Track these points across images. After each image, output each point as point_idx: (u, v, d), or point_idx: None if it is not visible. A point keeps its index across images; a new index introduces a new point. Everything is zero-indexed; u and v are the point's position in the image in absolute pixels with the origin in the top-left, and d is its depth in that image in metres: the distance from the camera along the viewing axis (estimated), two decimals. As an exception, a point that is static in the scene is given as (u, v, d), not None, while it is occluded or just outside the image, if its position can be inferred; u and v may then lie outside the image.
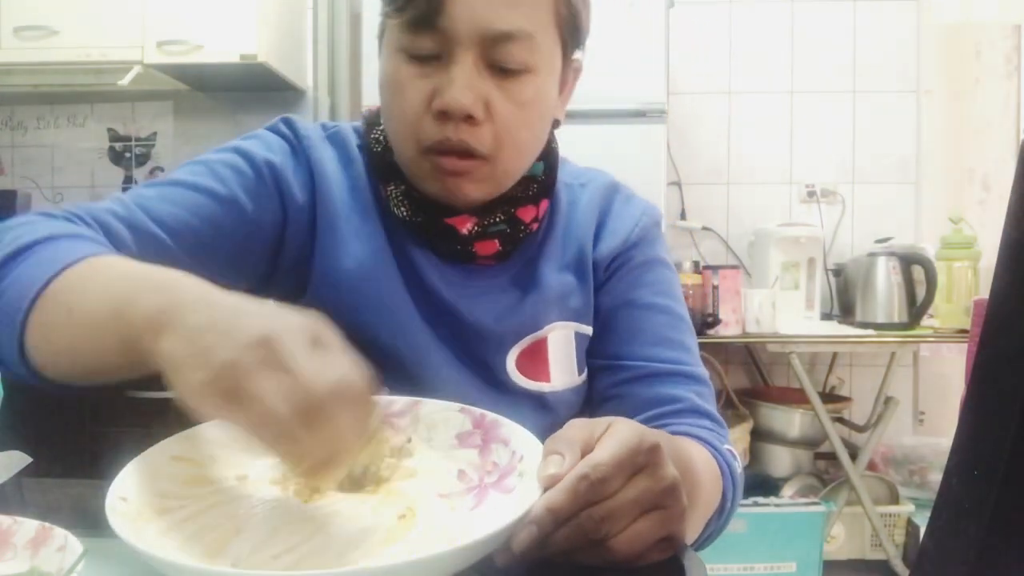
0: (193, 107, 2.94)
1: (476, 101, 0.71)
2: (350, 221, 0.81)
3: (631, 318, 0.85)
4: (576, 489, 0.48)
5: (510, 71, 0.73)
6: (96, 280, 0.59)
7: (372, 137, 0.83)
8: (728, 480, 0.78)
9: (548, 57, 0.76)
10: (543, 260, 0.85)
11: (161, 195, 0.75)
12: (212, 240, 0.75)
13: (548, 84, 0.77)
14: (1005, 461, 0.40)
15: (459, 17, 0.70)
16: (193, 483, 0.55)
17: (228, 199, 0.76)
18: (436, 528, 0.52)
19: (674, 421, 0.80)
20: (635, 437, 0.51)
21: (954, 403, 2.84)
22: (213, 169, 0.77)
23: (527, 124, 0.76)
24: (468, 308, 0.81)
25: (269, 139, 0.82)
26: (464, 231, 0.80)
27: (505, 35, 0.71)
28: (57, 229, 0.65)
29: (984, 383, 0.45)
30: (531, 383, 0.84)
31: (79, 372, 0.61)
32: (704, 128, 3.02)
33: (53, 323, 0.58)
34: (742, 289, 2.45)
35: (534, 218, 0.83)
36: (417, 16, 0.71)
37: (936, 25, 2.90)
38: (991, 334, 0.44)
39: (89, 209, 0.71)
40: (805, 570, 2.38)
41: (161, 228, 0.73)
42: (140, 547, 0.44)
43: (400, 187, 0.80)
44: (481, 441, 0.61)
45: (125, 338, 0.53)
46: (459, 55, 0.71)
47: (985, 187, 2.93)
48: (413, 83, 0.73)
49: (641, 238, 0.88)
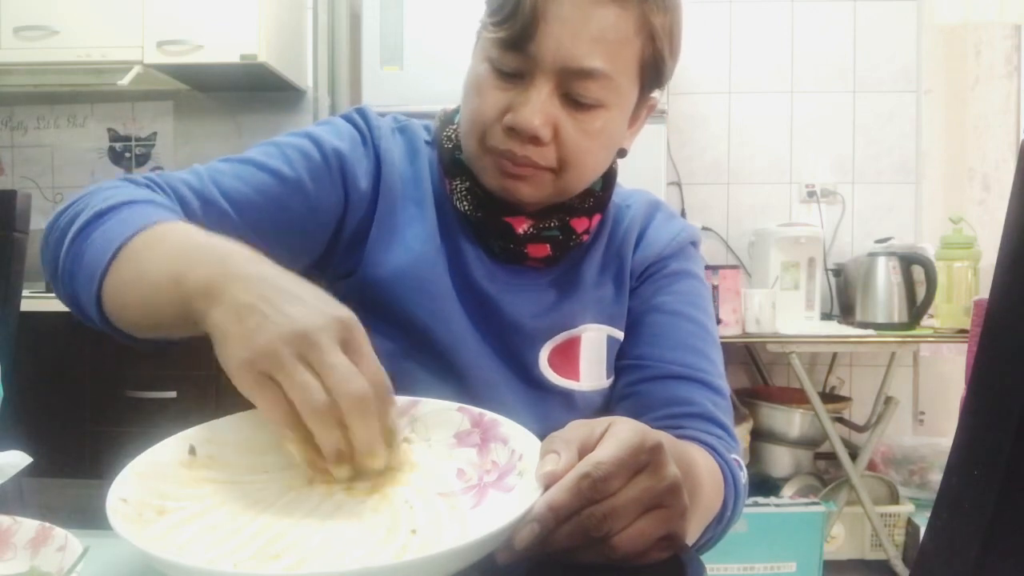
0: (193, 107, 2.94)
1: (545, 125, 0.76)
2: (407, 210, 0.86)
3: (657, 322, 0.88)
4: (578, 487, 0.48)
5: (582, 104, 0.77)
6: (164, 245, 0.64)
7: (444, 135, 0.88)
8: (731, 488, 0.78)
9: (623, 96, 0.79)
10: (587, 266, 0.89)
11: (233, 171, 0.80)
12: (274, 217, 0.79)
13: (618, 119, 0.81)
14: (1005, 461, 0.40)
15: (547, 47, 0.74)
16: (193, 484, 0.55)
17: (293, 181, 0.81)
18: (436, 527, 0.52)
19: (685, 424, 0.80)
20: (637, 436, 0.51)
21: (954, 403, 2.84)
22: (284, 152, 0.82)
23: (591, 152, 0.80)
24: (507, 303, 0.85)
25: (341, 127, 0.87)
26: (520, 231, 0.84)
27: (585, 72, 0.75)
28: (139, 195, 0.71)
29: (984, 383, 0.45)
30: (561, 380, 0.86)
31: (144, 325, 0.66)
32: (704, 128, 3.02)
33: (125, 280, 0.64)
34: (742, 289, 2.45)
35: (586, 229, 0.87)
36: (510, 37, 0.75)
37: (936, 25, 2.90)
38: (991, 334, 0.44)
39: (167, 178, 0.77)
40: (805, 570, 2.37)
41: (228, 202, 0.78)
42: (143, 548, 0.44)
43: (465, 183, 0.85)
44: (480, 440, 0.61)
45: (182, 301, 0.58)
46: (539, 80, 0.76)
47: (985, 187, 2.93)
48: (493, 93, 0.78)
49: (677, 251, 0.91)
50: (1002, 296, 0.43)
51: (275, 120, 2.88)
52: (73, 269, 0.67)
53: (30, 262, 1.37)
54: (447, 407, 0.64)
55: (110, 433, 2.34)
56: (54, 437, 2.31)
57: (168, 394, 2.34)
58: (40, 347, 2.25)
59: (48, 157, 2.99)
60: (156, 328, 0.66)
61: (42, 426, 2.27)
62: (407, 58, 2.45)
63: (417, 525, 0.52)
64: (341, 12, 2.96)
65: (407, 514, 0.53)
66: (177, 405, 2.33)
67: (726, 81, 3.01)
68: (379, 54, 2.46)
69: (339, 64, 2.97)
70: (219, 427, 0.60)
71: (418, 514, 0.53)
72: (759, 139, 3.02)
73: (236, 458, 0.58)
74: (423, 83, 2.39)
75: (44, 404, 2.31)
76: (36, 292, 2.45)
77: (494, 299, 0.85)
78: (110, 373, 2.34)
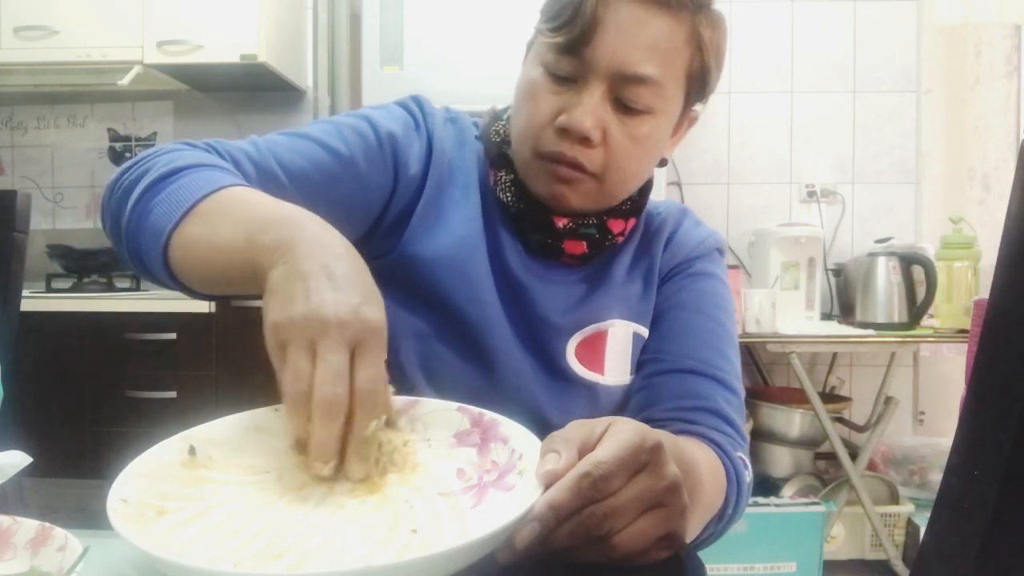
0: (193, 107, 2.94)
1: (595, 127, 0.78)
2: (452, 196, 0.88)
3: (677, 318, 0.90)
4: (579, 487, 0.49)
5: (632, 109, 0.79)
6: (237, 206, 0.67)
7: (492, 129, 0.90)
8: (733, 486, 0.78)
9: (670, 104, 0.82)
10: (618, 264, 0.91)
11: (290, 144, 0.83)
12: (326, 193, 0.81)
13: (664, 127, 0.84)
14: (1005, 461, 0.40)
15: (602, 53, 0.77)
16: (193, 484, 0.55)
17: (347, 159, 0.83)
18: (437, 527, 0.52)
19: (694, 418, 0.81)
20: (637, 436, 0.51)
21: (954, 403, 2.84)
22: (340, 130, 0.85)
23: (636, 157, 0.82)
24: (540, 294, 0.88)
25: (396, 112, 0.90)
26: (560, 225, 0.86)
27: (638, 78, 0.78)
28: (203, 159, 0.73)
29: (984, 383, 0.45)
30: (587, 372, 0.88)
31: (210, 281, 0.69)
32: (704, 128, 3.02)
33: (196, 237, 0.66)
34: (742, 289, 2.45)
35: (621, 231, 0.89)
36: (567, 43, 0.78)
37: (936, 25, 2.90)
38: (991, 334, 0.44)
39: (226, 145, 0.80)
40: (805, 570, 2.37)
41: (284, 173, 0.80)
42: (144, 548, 0.44)
43: (510, 175, 0.87)
44: (480, 440, 0.61)
45: (251, 260, 0.60)
46: (592, 84, 0.78)
47: (985, 187, 2.93)
48: (547, 96, 0.80)
49: (703, 255, 0.94)
50: (1002, 296, 0.43)
51: (275, 120, 2.88)
52: (138, 227, 0.70)
53: (30, 262, 1.37)
54: (447, 407, 0.64)
55: (110, 433, 2.35)
56: (54, 437, 2.31)
57: (168, 394, 2.34)
58: (40, 347, 2.25)
59: (48, 157, 2.99)
60: (222, 285, 0.68)
61: (42, 426, 2.28)
62: (407, 58, 2.45)
63: (417, 525, 0.52)
64: (341, 12, 2.96)
65: (407, 514, 0.53)
66: (177, 405, 2.33)
67: (726, 81, 3.01)
68: (379, 54, 2.46)
69: (339, 64, 2.97)
70: (219, 427, 0.60)
71: (418, 514, 0.53)
72: (759, 139, 3.02)
73: (236, 458, 0.58)
74: (423, 83, 2.39)
75: (44, 404, 2.31)
76: (36, 292, 2.45)
77: (527, 289, 0.87)
78: (110, 373, 2.34)
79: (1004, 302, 0.43)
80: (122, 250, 0.74)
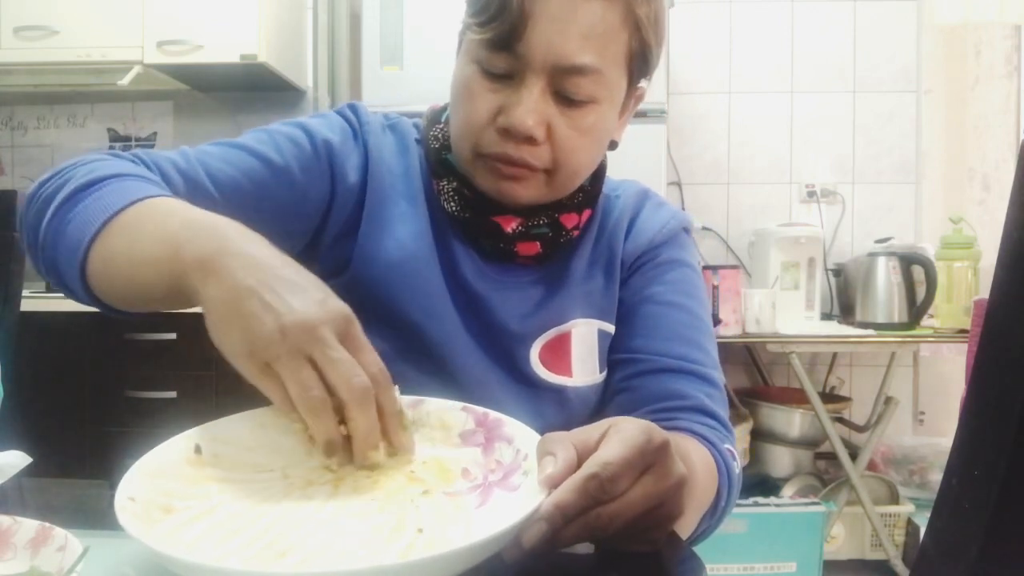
0: (193, 107, 2.94)
1: (539, 124, 0.75)
2: (398, 205, 0.85)
3: (649, 313, 0.87)
4: (586, 488, 0.49)
5: (575, 101, 0.76)
6: (156, 218, 0.64)
7: (431, 134, 0.87)
8: (724, 479, 0.78)
9: (613, 90, 0.79)
10: (576, 259, 0.88)
11: (222, 154, 0.80)
12: (258, 202, 0.79)
13: (609, 113, 0.80)
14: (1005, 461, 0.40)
15: (536, 46, 0.73)
16: (199, 482, 0.55)
17: (281, 168, 0.81)
18: (442, 526, 0.52)
19: (678, 416, 0.80)
20: (643, 436, 0.51)
21: (954, 403, 2.84)
22: (275, 139, 0.83)
23: (584, 149, 0.79)
24: (497, 302, 0.85)
25: (332, 120, 0.88)
26: (508, 230, 0.83)
27: (576, 68, 0.74)
28: (126, 169, 0.70)
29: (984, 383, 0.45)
30: (554, 377, 0.86)
31: (131, 298, 0.66)
32: (704, 128, 3.02)
33: (114, 251, 0.64)
34: (742, 289, 2.45)
35: (575, 225, 0.86)
36: (497, 38, 0.74)
37: (936, 25, 2.90)
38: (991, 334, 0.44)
39: (153, 156, 0.77)
40: (805, 570, 2.37)
41: (214, 184, 0.77)
42: (152, 546, 0.44)
43: (452, 183, 0.84)
44: (484, 440, 0.61)
45: (175, 274, 0.58)
46: (530, 80, 0.75)
47: (985, 187, 2.93)
48: (483, 95, 0.77)
49: (668, 239, 0.90)
50: (1002, 296, 0.43)
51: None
52: (56, 239, 0.67)
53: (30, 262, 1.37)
54: (451, 406, 0.64)
55: (110, 433, 2.35)
56: (54, 437, 2.31)
57: (168, 394, 2.34)
58: (40, 347, 2.25)
59: (48, 157, 2.99)
60: (143, 303, 0.66)
61: (42, 426, 2.27)
62: (407, 58, 2.45)
63: (423, 524, 0.52)
64: (341, 12, 2.96)
65: (413, 513, 0.53)
66: (177, 405, 2.33)
67: (726, 81, 3.01)
68: (379, 54, 2.46)
69: (339, 64, 2.97)
70: (225, 426, 0.60)
71: (423, 513, 0.53)
72: (759, 139, 3.02)
73: (242, 456, 0.59)
74: (423, 83, 2.39)
75: (44, 404, 2.31)
76: (36, 292, 2.45)
77: (484, 298, 0.85)
78: (110, 373, 2.34)
79: (1004, 302, 0.43)
80: (38, 264, 0.71)
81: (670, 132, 2.49)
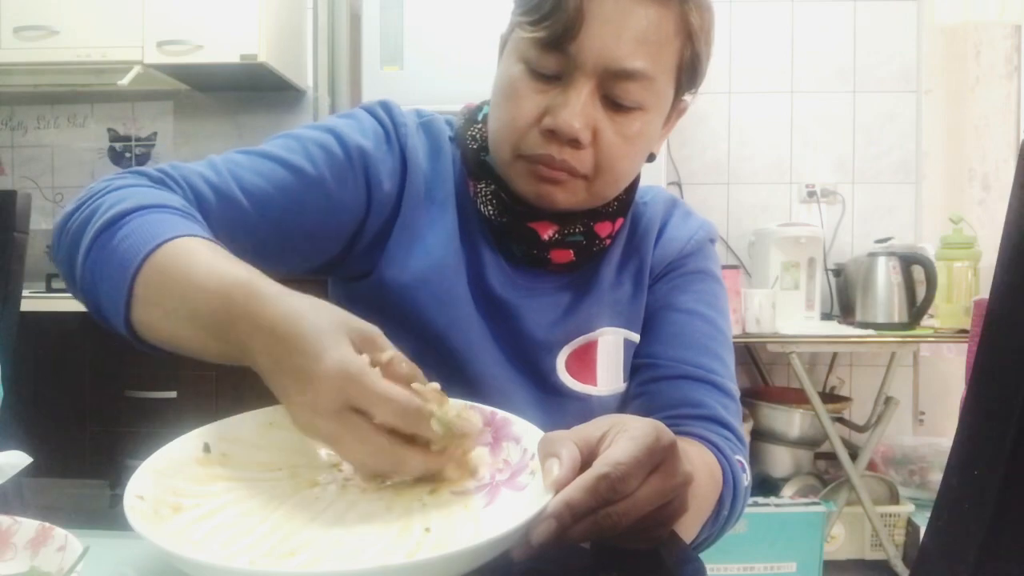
0: (193, 107, 2.94)
1: (585, 128, 0.73)
2: (429, 212, 0.83)
3: (671, 321, 0.86)
4: (596, 488, 0.49)
5: (623, 106, 0.75)
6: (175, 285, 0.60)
7: (468, 134, 0.85)
8: (729, 488, 0.77)
9: (661, 98, 0.78)
10: (605, 267, 0.87)
11: (253, 166, 0.77)
12: (294, 217, 0.77)
13: (655, 122, 0.79)
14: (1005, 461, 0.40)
15: (589, 47, 0.72)
16: (208, 481, 0.56)
17: (315, 179, 0.78)
18: (450, 526, 0.52)
19: (692, 424, 0.80)
20: (652, 435, 0.51)
21: (954, 403, 2.84)
22: (306, 147, 0.79)
23: (627, 156, 0.78)
24: (525, 311, 0.84)
25: (365, 123, 0.84)
26: (545, 236, 0.81)
27: (627, 73, 0.73)
28: (151, 198, 0.66)
29: (984, 383, 0.45)
30: (579, 385, 0.85)
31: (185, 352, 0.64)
32: (704, 128, 3.02)
33: (154, 326, 0.62)
34: (742, 289, 2.45)
35: (609, 234, 0.85)
36: (550, 37, 0.72)
37: (936, 25, 2.90)
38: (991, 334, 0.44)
39: (182, 171, 0.74)
40: (805, 570, 2.37)
41: (247, 198, 0.75)
42: (161, 545, 0.44)
43: (490, 186, 0.82)
44: (492, 439, 0.61)
45: (225, 355, 0.58)
46: (580, 81, 0.73)
47: (985, 187, 2.93)
48: (530, 96, 0.75)
49: (696, 250, 0.90)
50: (1002, 296, 0.43)
51: (275, 120, 2.88)
52: (96, 289, 0.65)
53: (30, 262, 1.37)
54: (459, 406, 0.64)
55: (110, 433, 2.34)
56: (54, 437, 2.31)
57: (168, 394, 2.34)
58: (40, 347, 2.25)
59: (48, 157, 2.99)
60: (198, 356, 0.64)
61: (42, 426, 2.28)
62: (407, 58, 2.45)
63: (430, 523, 0.52)
64: (341, 12, 2.96)
65: (420, 512, 0.53)
66: (177, 405, 2.33)
67: (726, 81, 3.01)
68: (379, 54, 2.46)
69: (339, 64, 2.97)
70: (233, 425, 0.60)
71: (431, 512, 0.53)
72: (759, 139, 3.02)
73: (250, 455, 0.59)
74: (423, 83, 2.39)
75: (44, 404, 2.31)
76: (36, 292, 2.45)
77: (511, 307, 0.83)
78: (110, 373, 2.34)
79: (1004, 302, 0.43)
80: (85, 304, 0.68)
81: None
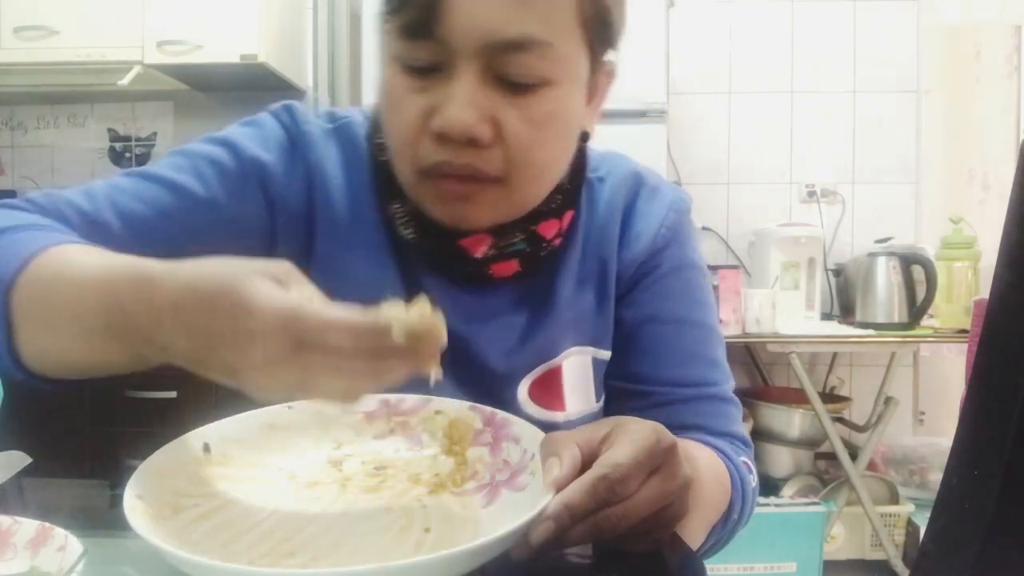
0: (193, 107, 2.94)
1: (480, 121, 0.61)
2: (353, 233, 0.73)
3: (656, 335, 0.78)
4: (595, 489, 0.48)
5: (522, 85, 0.62)
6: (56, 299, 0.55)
7: (376, 142, 0.73)
8: (738, 492, 0.75)
9: (570, 65, 0.64)
10: (561, 275, 0.76)
11: (135, 190, 0.69)
12: (183, 242, 0.64)
13: (571, 96, 0.66)
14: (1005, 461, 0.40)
15: (459, 24, 0.60)
16: (208, 481, 0.56)
17: (204, 200, 0.70)
18: (450, 526, 0.52)
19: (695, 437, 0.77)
20: (652, 437, 0.51)
21: (954, 403, 2.84)
22: (195, 165, 0.71)
23: (545, 144, 0.65)
24: (478, 339, 0.74)
25: (268, 130, 0.75)
26: (478, 254, 0.71)
27: (514, 43, 0.60)
28: (11, 220, 0.61)
29: (984, 383, 0.45)
30: (544, 412, 0.76)
31: (87, 370, 0.59)
32: (704, 128, 3.02)
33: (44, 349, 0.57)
34: (742, 289, 2.45)
35: (557, 233, 0.74)
36: (412, 22, 0.61)
37: (936, 25, 2.90)
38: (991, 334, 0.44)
39: (54, 199, 0.67)
40: (805, 570, 2.37)
41: (124, 225, 0.67)
42: (160, 545, 0.44)
43: (406, 206, 0.71)
44: (492, 439, 0.61)
45: (130, 353, 0.54)
46: (461, 68, 0.61)
47: (985, 187, 2.93)
48: (409, 98, 0.63)
49: (669, 240, 0.79)
50: (1002, 296, 0.43)
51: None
52: None
53: None
54: (460, 406, 0.64)
55: (110, 433, 2.34)
56: (54, 437, 2.31)
57: (168, 394, 2.34)
58: (40, 347, 2.25)
59: (48, 157, 2.99)
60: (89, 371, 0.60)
61: (42, 426, 2.27)
62: (407, 58, 2.45)
63: (430, 523, 0.52)
64: (341, 12, 2.96)
65: (420, 512, 0.53)
66: (177, 405, 2.32)
67: (726, 81, 3.01)
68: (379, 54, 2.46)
69: (339, 64, 2.97)
70: (233, 425, 0.61)
71: (431, 512, 0.53)
72: (759, 139, 3.02)
73: (250, 456, 0.59)
74: (423, 83, 2.39)
75: (44, 404, 2.31)
76: (36, 292, 2.44)
77: (462, 337, 0.72)
78: (110, 373, 2.34)
79: (1004, 302, 0.43)
80: None
81: (670, 132, 2.49)
